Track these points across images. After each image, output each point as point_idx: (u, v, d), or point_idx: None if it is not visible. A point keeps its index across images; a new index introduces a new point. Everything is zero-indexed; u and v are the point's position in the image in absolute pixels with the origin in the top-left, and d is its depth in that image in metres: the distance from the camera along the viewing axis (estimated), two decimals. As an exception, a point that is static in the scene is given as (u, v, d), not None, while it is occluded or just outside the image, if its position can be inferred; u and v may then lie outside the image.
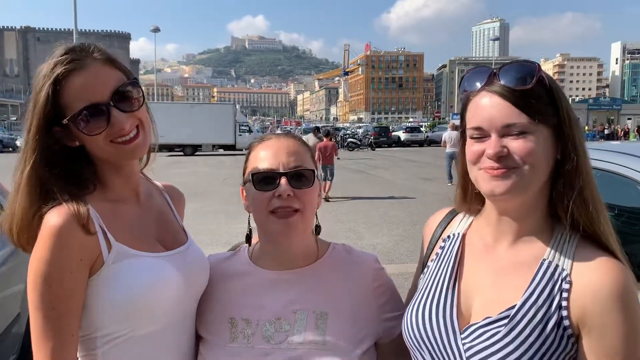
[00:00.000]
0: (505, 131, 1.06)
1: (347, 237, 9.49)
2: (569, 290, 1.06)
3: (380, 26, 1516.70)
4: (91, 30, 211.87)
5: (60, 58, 1.19)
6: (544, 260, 1.11)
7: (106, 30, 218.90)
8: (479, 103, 1.10)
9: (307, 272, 1.38)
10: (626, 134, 45.24)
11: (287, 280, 1.36)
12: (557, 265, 1.09)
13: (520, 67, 1.09)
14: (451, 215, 1.37)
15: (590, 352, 1.03)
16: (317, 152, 14.08)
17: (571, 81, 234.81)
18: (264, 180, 1.29)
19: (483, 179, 1.10)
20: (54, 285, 1.14)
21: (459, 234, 1.29)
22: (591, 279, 1.04)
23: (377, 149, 40.15)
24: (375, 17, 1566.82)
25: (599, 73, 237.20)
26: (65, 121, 1.19)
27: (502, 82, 1.08)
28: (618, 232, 1.07)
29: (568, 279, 1.07)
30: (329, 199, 13.96)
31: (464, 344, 1.11)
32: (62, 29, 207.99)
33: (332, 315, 1.32)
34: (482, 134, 1.09)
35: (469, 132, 1.13)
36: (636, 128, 45.71)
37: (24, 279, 1.20)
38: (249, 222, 1.40)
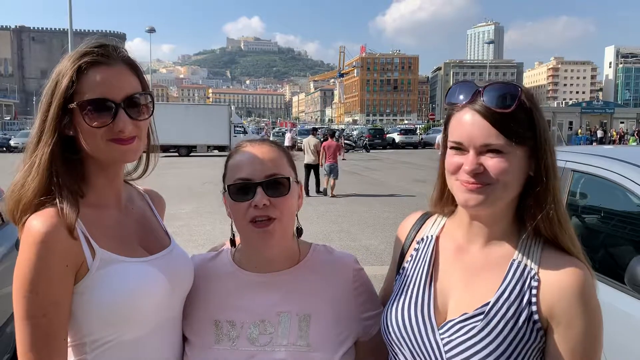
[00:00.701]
0: (483, 149, 1.13)
1: (340, 239, 9.54)
2: (537, 288, 1.15)
3: (376, 28, 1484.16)
4: (86, 30, 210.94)
5: (90, 49, 1.23)
6: (514, 260, 1.19)
7: (101, 30, 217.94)
8: (462, 119, 1.16)
9: (289, 275, 1.40)
10: (621, 138, 44.67)
11: (270, 282, 1.38)
12: (525, 265, 1.18)
13: (503, 88, 1.14)
14: (423, 219, 1.43)
15: (558, 342, 1.13)
16: (321, 151, 15.10)
17: (565, 84, 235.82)
18: (240, 190, 1.30)
19: (459, 189, 1.17)
20: (41, 292, 1.14)
21: (432, 236, 1.35)
22: (557, 278, 1.14)
23: (371, 151, 40.26)
24: (370, 20, 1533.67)
25: (593, 77, 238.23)
26: (73, 105, 1.21)
27: (484, 101, 1.13)
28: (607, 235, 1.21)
29: (536, 277, 1.16)
30: (334, 196, 15.00)
31: (442, 339, 1.18)
32: (57, 29, 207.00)
33: (315, 317, 1.35)
34: (461, 148, 1.16)
35: (449, 144, 1.20)
36: (636, 131, 44.96)
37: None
38: (232, 227, 1.41)
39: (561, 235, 1.18)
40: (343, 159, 15.80)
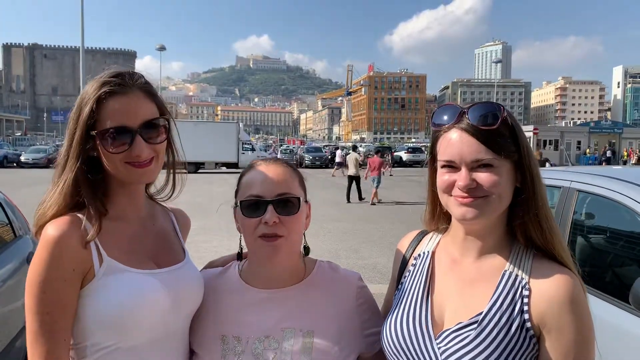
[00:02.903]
0: (474, 164, 1.19)
1: (348, 257, 9.54)
2: (528, 297, 1.19)
3: (384, 47, 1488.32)
4: (98, 48, 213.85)
5: (108, 79, 1.32)
6: (505, 271, 1.25)
7: (112, 48, 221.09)
8: (450, 138, 1.23)
9: (294, 291, 1.43)
10: None
11: (275, 299, 1.42)
12: (517, 275, 1.23)
13: (486, 107, 1.22)
14: (420, 236, 1.50)
15: (550, 349, 1.16)
16: (367, 166, 18.98)
17: (573, 104, 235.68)
18: (251, 206, 1.36)
19: (454, 205, 1.23)
20: (48, 291, 1.23)
21: (428, 252, 1.41)
22: (547, 286, 1.18)
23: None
24: (378, 39, 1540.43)
25: (601, 96, 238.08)
26: (93, 133, 1.31)
27: (470, 120, 1.20)
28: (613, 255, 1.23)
29: (527, 286, 1.20)
30: (379, 202, 18.01)
31: (439, 348, 1.22)
32: (69, 46, 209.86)
33: (318, 332, 1.38)
34: (453, 165, 1.22)
35: (440, 163, 1.26)
36: None
37: (29, 293, 1.27)
38: (240, 241, 1.47)
39: (552, 241, 1.23)
40: (390, 175, 22.00)
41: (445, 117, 1.25)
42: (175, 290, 1.39)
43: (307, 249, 1.51)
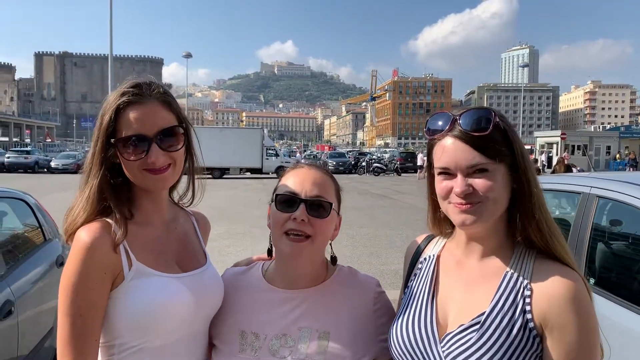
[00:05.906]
0: (469, 170, 1.21)
1: (370, 262, 9.54)
2: (530, 297, 1.20)
3: (408, 52, 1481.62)
4: (126, 56, 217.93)
5: (127, 89, 1.38)
6: (507, 272, 1.26)
7: (140, 56, 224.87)
8: (445, 146, 1.25)
9: (313, 293, 1.48)
10: None
11: (294, 299, 1.47)
12: (518, 276, 1.24)
13: (478, 113, 1.24)
14: (427, 240, 1.53)
15: (554, 348, 1.17)
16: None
17: (603, 108, 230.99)
18: (285, 202, 1.42)
19: (453, 212, 1.26)
20: (80, 294, 1.29)
21: (433, 255, 1.45)
22: (548, 286, 1.19)
23: (403, 174, 40.12)
24: (402, 44, 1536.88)
25: (632, 100, 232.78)
26: (112, 140, 1.37)
27: (462, 127, 1.23)
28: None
29: (529, 286, 1.21)
30: None
31: (443, 352, 1.24)
32: (98, 54, 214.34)
33: (334, 334, 1.42)
34: (449, 172, 1.25)
35: (437, 170, 1.29)
36: None
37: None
38: (270, 238, 1.52)
39: (552, 243, 1.24)
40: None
41: (439, 124, 1.28)
42: (199, 294, 1.44)
43: (334, 259, 1.55)
